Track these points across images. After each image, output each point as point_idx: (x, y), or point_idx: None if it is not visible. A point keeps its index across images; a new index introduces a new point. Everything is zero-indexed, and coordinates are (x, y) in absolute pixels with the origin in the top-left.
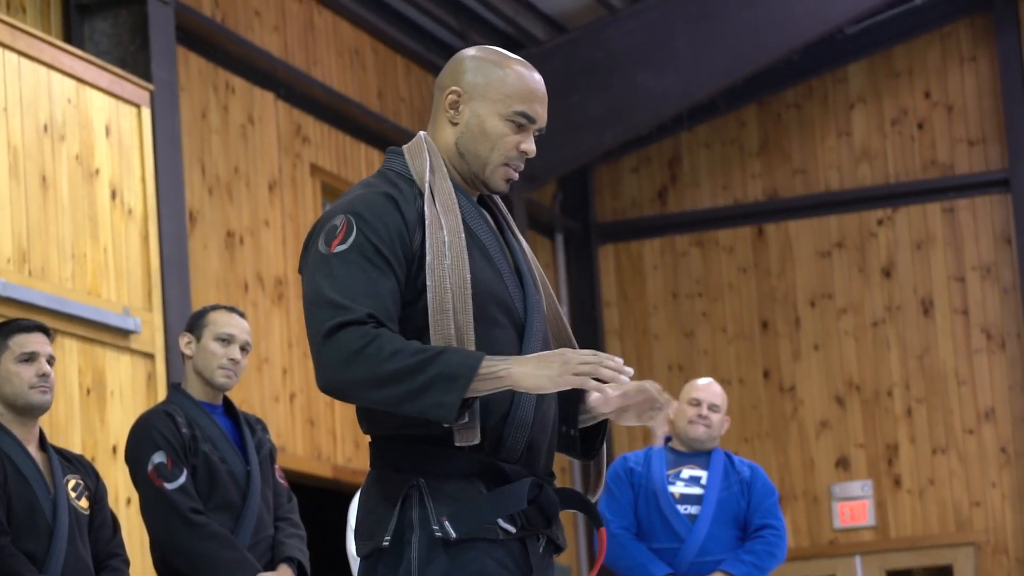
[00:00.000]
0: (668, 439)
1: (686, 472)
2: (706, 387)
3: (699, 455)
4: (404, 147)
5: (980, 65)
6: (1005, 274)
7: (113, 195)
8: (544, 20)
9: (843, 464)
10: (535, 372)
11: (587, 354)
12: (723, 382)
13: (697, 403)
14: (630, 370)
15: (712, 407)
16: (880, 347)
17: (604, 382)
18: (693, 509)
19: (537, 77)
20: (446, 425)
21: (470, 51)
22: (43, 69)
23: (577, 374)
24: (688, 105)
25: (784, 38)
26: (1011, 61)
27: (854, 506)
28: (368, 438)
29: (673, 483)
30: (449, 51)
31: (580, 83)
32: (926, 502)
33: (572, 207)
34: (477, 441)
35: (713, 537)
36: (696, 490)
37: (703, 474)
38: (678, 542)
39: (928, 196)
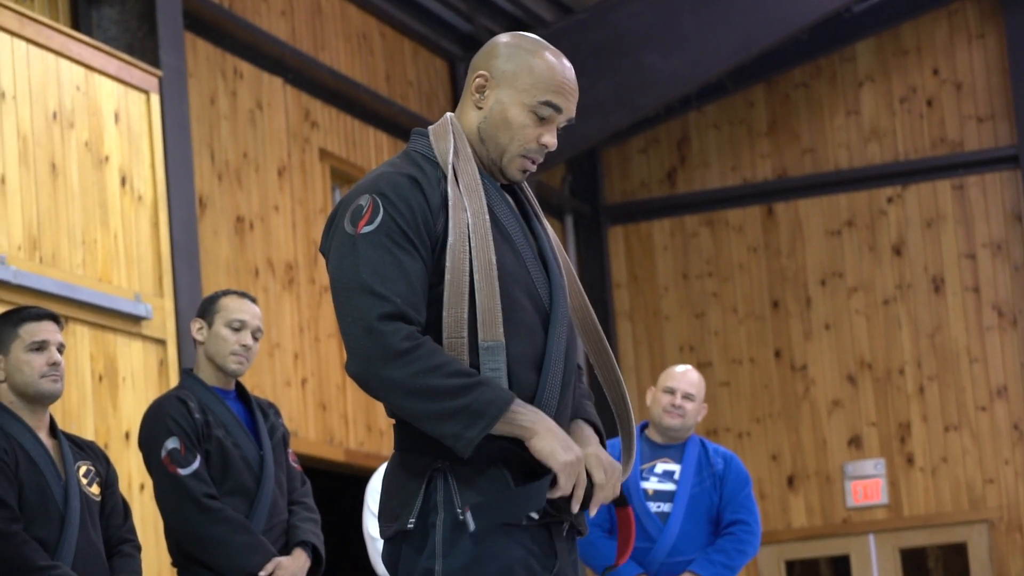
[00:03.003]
0: (644, 425)
1: (660, 467)
2: (682, 375)
3: (674, 447)
4: (430, 128)
5: (988, 42)
6: (1016, 251)
7: (123, 182)
8: (552, 2)
9: (855, 443)
10: (554, 443)
11: (578, 474)
12: (734, 362)
13: (671, 391)
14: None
15: (686, 396)
16: (891, 325)
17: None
18: (665, 507)
19: (568, 68)
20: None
21: (505, 37)
22: (51, 56)
23: (570, 476)
24: (696, 86)
25: (792, 17)
26: (1019, 37)
27: (867, 485)
28: (382, 423)
29: (647, 478)
30: (457, 34)
31: (588, 65)
32: (939, 480)
33: (581, 189)
34: None
35: (685, 535)
36: (669, 486)
37: (677, 468)
38: (649, 542)
39: (938, 173)
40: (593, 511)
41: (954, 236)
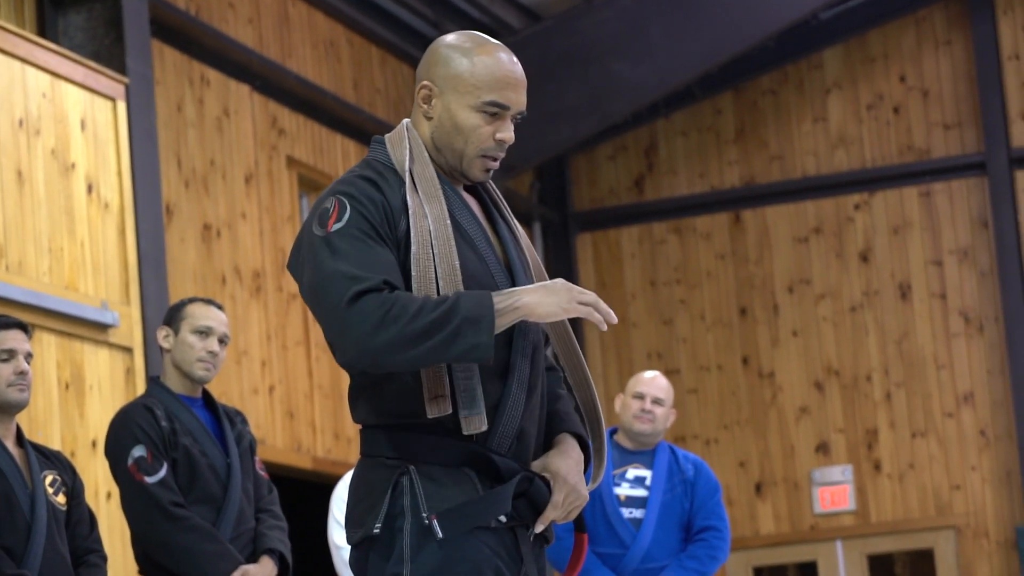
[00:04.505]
0: (614, 431)
1: (631, 472)
2: (650, 381)
3: (644, 453)
4: (386, 136)
5: (955, 49)
6: (982, 257)
7: (89, 189)
8: (519, 9)
9: (823, 449)
10: (545, 300)
11: (585, 290)
12: (702, 369)
13: (641, 397)
14: (614, 318)
15: (656, 401)
16: (858, 332)
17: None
18: (638, 513)
19: (510, 61)
20: (456, 415)
21: (446, 39)
22: (17, 64)
23: (582, 303)
24: (664, 93)
25: (759, 24)
26: (986, 44)
27: (834, 491)
28: (350, 430)
29: (619, 484)
30: (424, 41)
31: (556, 72)
32: (906, 486)
33: (549, 196)
34: (484, 428)
35: (657, 542)
36: (641, 492)
37: (648, 474)
38: (622, 548)
39: (904, 180)
40: (539, 527)
41: (921, 243)
